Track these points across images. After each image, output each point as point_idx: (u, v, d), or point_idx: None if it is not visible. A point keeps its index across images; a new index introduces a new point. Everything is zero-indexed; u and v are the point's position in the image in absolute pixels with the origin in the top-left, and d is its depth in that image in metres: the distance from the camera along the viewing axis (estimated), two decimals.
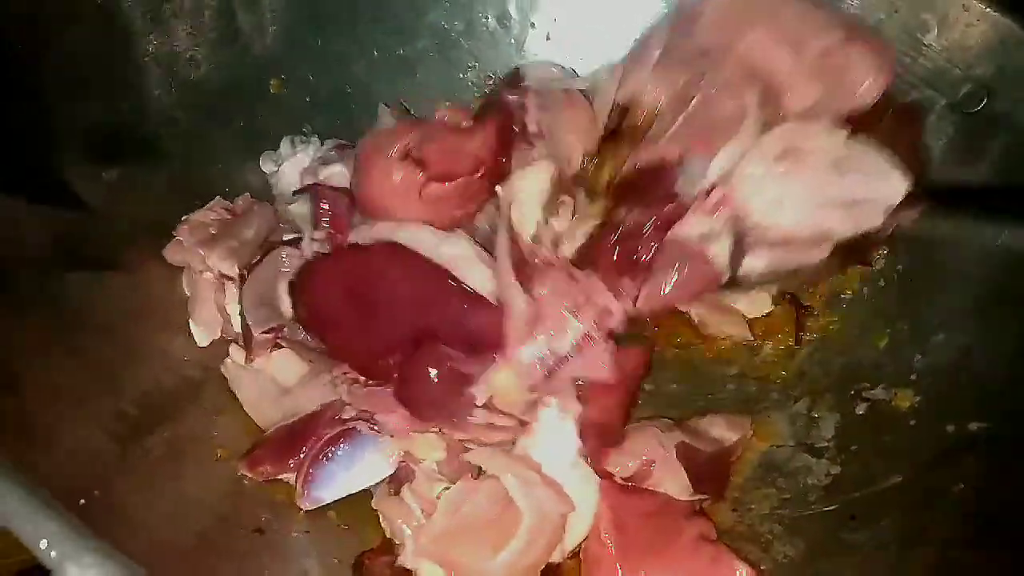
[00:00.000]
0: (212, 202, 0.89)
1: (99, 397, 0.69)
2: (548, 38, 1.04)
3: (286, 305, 0.83)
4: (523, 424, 0.75)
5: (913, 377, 0.83)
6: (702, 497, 0.79)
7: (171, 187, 0.87)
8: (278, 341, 0.83)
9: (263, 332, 0.82)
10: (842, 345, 0.90)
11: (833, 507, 0.79)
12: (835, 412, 0.86)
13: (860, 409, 0.85)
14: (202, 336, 0.84)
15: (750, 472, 0.85)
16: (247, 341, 0.81)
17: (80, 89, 0.79)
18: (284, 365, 0.83)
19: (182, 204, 0.88)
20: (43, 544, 0.42)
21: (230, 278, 0.85)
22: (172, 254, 0.85)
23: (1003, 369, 0.78)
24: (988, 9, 0.84)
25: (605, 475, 0.77)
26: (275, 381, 0.83)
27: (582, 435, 0.76)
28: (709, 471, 0.79)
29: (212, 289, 0.84)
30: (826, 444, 0.84)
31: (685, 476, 0.77)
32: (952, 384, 0.80)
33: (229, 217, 0.88)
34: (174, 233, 0.85)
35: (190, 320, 0.84)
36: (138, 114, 0.86)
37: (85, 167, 0.78)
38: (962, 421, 0.77)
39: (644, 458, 0.78)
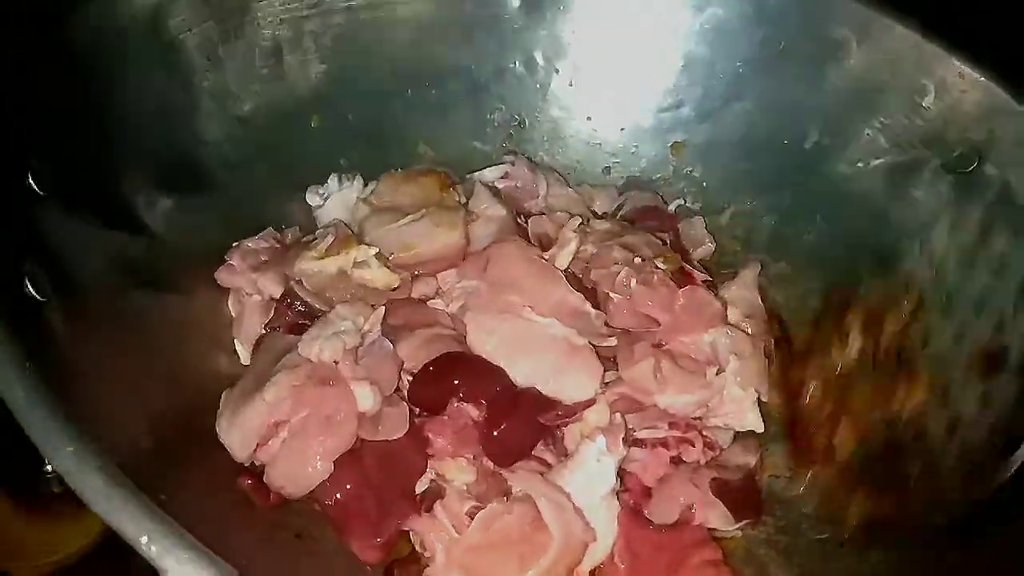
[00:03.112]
0: (264, 232, 0.94)
1: (153, 400, 0.75)
2: (571, 84, 1.11)
3: None
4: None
5: None
6: (745, 523, 0.85)
7: (221, 215, 0.93)
8: None
9: None
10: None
11: (824, 535, 0.85)
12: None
13: None
14: (246, 354, 0.89)
15: None
16: None
17: (143, 123, 0.85)
18: None
19: (231, 231, 0.93)
20: (144, 540, 0.48)
21: (274, 300, 0.89)
22: (223, 276, 0.90)
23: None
24: (981, 78, 0.90)
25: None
26: None
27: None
28: (743, 497, 0.85)
29: (258, 311, 0.89)
30: None
31: (725, 509, 0.84)
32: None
33: (278, 246, 0.94)
34: (226, 257, 0.90)
35: (235, 339, 0.89)
36: (192, 147, 0.92)
37: (146, 195, 0.84)
38: None
39: (682, 500, 0.84)
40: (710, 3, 1.04)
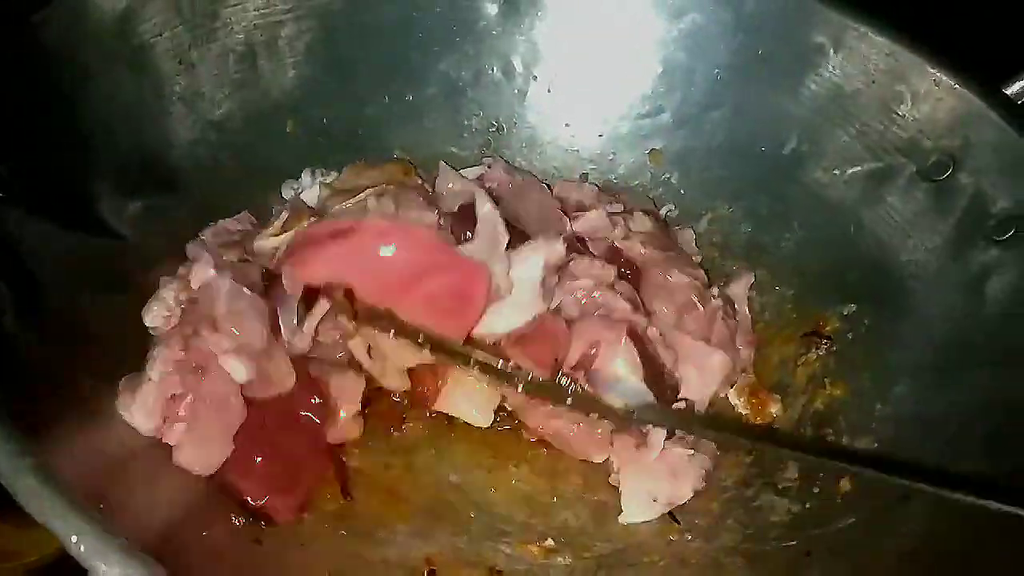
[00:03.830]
0: (240, 214, 0.95)
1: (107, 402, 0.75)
2: (549, 91, 1.11)
3: None
4: None
5: (873, 426, 0.89)
6: None
7: (192, 218, 0.92)
8: None
9: None
10: (811, 392, 0.96)
11: (792, 543, 0.84)
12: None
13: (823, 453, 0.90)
14: None
15: (719, 508, 0.90)
16: None
17: (113, 125, 0.85)
18: None
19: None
20: (73, 539, 0.48)
21: None
22: (192, 248, 0.88)
23: (956, 420, 0.83)
24: (956, 86, 0.90)
25: None
26: None
27: None
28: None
29: None
30: (790, 484, 0.89)
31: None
32: (908, 434, 0.86)
33: (251, 229, 0.94)
34: (199, 234, 0.91)
35: None
36: (163, 150, 0.92)
37: (113, 198, 0.84)
38: (916, 468, 0.81)
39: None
40: (688, 9, 1.04)
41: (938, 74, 0.91)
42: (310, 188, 0.97)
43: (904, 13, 0.95)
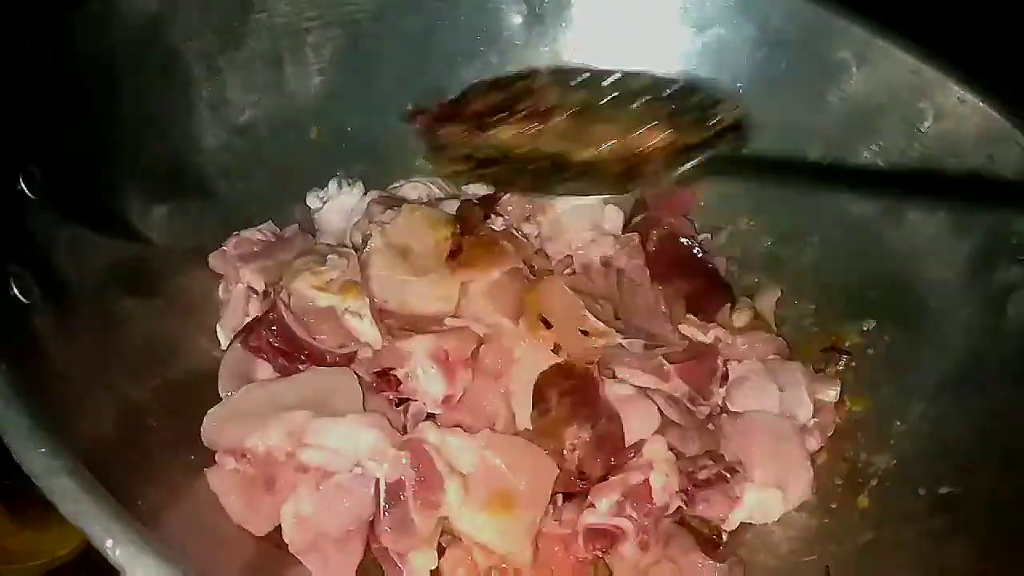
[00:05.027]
0: (264, 224, 0.96)
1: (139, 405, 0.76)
2: None
3: (263, 373, 0.86)
4: None
5: (892, 442, 0.88)
6: None
7: (217, 223, 0.93)
8: None
9: None
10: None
11: (811, 558, 0.84)
12: (816, 471, 0.90)
13: (841, 469, 0.90)
14: (226, 341, 0.90)
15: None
16: None
17: (141, 130, 0.86)
18: None
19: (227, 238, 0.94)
20: (109, 543, 0.48)
21: (255, 292, 0.91)
22: (215, 261, 0.91)
23: (975, 437, 0.83)
24: (981, 104, 0.90)
25: None
26: None
27: None
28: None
29: (243, 300, 0.90)
30: (807, 500, 0.89)
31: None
32: (926, 450, 0.86)
33: (274, 240, 0.95)
34: (222, 244, 0.92)
35: (218, 324, 0.90)
36: (190, 155, 0.93)
37: (141, 202, 0.85)
38: (933, 485, 0.82)
39: None
40: (713, 23, 1.04)
41: (962, 92, 0.91)
42: (336, 199, 0.98)
43: (929, 30, 0.95)
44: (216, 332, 0.91)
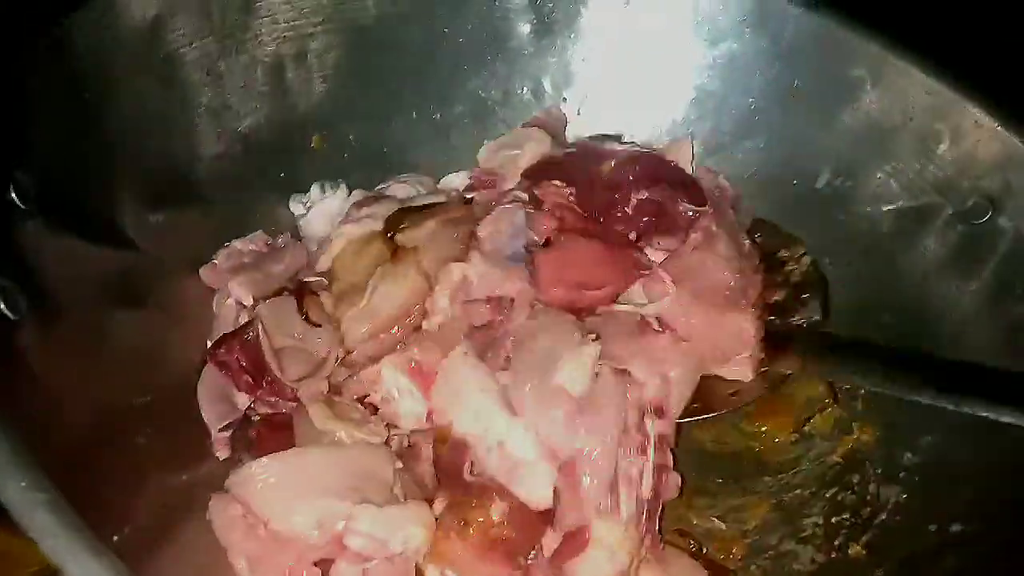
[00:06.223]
0: (254, 234, 0.94)
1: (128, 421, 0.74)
2: (579, 113, 1.09)
3: (242, 400, 0.84)
4: None
5: (902, 475, 0.86)
6: None
7: (214, 230, 0.92)
8: None
9: (221, 429, 0.82)
10: (838, 436, 0.94)
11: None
12: (825, 503, 0.89)
13: (848, 502, 0.88)
14: None
15: (744, 551, 0.88)
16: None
17: (138, 136, 0.84)
18: None
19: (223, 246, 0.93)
20: None
21: (243, 305, 0.89)
22: (206, 274, 0.90)
23: (985, 473, 0.81)
24: (999, 127, 0.88)
25: None
26: None
27: None
28: None
29: (234, 313, 0.88)
30: (813, 532, 0.87)
31: None
32: (937, 485, 0.84)
33: (266, 251, 0.93)
34: (213, 257, 0.90)
35: (207, 339, 0.88)
36: (188, 162, 0.91)
37: (136, 210, 0.82)
38: (944, 522, 0.79)
39: None
40: (726, 37, 1.02)
41: (979, 113, 0.89)
42: (319, 204, 0.96)
43: (947, 50, 0.93)
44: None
